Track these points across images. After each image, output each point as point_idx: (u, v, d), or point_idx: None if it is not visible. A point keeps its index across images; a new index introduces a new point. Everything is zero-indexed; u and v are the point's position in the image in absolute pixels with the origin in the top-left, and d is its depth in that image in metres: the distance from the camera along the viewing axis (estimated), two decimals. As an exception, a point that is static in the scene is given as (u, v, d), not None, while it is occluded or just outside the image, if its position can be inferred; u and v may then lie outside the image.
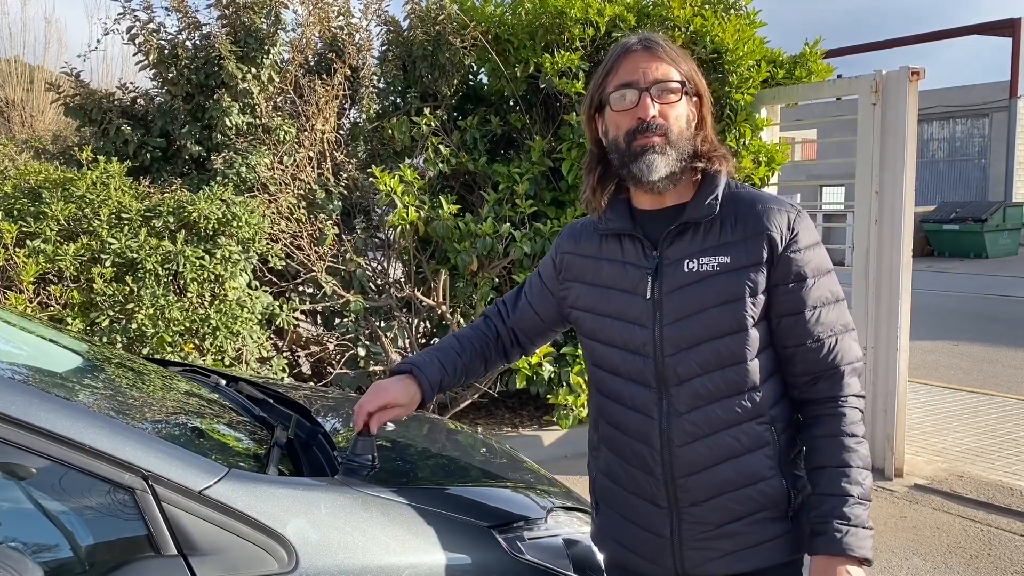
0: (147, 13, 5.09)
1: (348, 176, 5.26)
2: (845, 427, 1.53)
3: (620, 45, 1.61)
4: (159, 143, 5.13)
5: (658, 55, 1.56)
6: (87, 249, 3.99)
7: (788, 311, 1.54)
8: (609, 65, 1.60)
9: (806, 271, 1.54)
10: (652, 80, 1.54)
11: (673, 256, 1.56)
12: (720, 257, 1.53)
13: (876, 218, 4.77)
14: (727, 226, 1.55)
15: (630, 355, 1.59)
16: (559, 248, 1.77)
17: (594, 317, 1.66)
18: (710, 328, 1.52)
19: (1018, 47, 21.81)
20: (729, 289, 1.52)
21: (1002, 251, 20.06)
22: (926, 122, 25.11)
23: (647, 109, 1.53)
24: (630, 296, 1.60)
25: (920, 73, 4.61)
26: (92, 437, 1.44)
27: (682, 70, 1.57)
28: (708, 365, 1.53)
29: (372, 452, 1.76)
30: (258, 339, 4.33)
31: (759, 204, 1.56)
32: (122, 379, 2.19)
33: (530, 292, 1.84)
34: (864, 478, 1.52)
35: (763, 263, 1.52)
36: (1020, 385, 7.15)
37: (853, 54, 21.72)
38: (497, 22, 5.36)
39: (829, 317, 1.56)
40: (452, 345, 1.84)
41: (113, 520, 1.50)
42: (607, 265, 1.65)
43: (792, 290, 1.53)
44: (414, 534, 1.65)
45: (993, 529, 4.09)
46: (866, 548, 1.48)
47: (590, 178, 1.67)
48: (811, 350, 1.55)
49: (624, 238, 1.63)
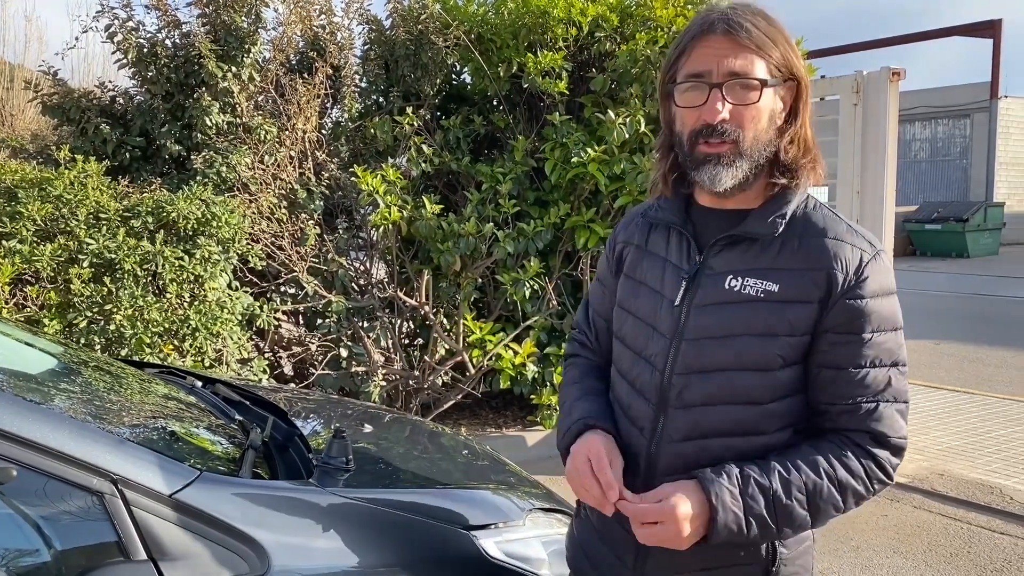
0: (126, 11, 5.04)
1: (330, 176, 5.23)
2: (835, 455, 1.32)
3: (699, 20, 1.35)
4: (138, 142, 5.08)
5: (740, 41, 1.30)
6: (64, 249, 3.94)
7: (830, 363, 1.32)
8: (683, 45, 1.36)
9: (864, 323, 1.30)
10: (727, 72, 1.30)
11: (717, 267, 1.36)
12: (768, 283, 1.32)
13: (857, 218, 4.79)
14: (787, 249, 1.33)
15: (640, 361, 1.42)
16: (615, 240, 1.57)
17: (620, 312, 1.49)
18: (733, 358, 1.32)
19: (999, 48, 22.02)
20: (766, 321, 1.31)
21: (983, 251, 20.23)
22: (908, 123, 25.30)
23: (715, 112, 1.30)
24: (658, 297, 1.42)
25: (900, 74, 4.64)
26: (59, 441, 1.42)
27: (771, 57, 1.31)
28: (718, 397, 1.33)
29: (347, 455, 1.74)
30: (238, 340, 4.30)
31: (831, 234, 1.33)
32: (95, 381, 2.16)
33: (600, 308, 1.59)
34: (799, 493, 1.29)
35: (815, 302, 1.30)
36: (1001, 384, 7.20)
37: (837, 55, 21.83)
38: (480, 21, 5.34)
39: (876, 380, 1.32)
40: (599, 390, 1.53)
41: (81, 525, 1.48)
42: (647, 258, 1.47)
43: (841, 341, 1.31)
44: (389, 538, 1.64)
45: (973, 527, 4.11)
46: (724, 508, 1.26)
47: (662, 164, 1.45)
48: (840, 412, 1.33)
49: (672, 232, 1.45)
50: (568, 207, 5.05)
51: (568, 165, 4.93)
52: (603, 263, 1.60)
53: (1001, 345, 8.92)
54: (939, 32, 22.44)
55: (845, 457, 1.32)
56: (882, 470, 1.33)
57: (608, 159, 4.82)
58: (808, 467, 1.30)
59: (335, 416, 2.67)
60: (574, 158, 4.86)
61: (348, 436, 1.85)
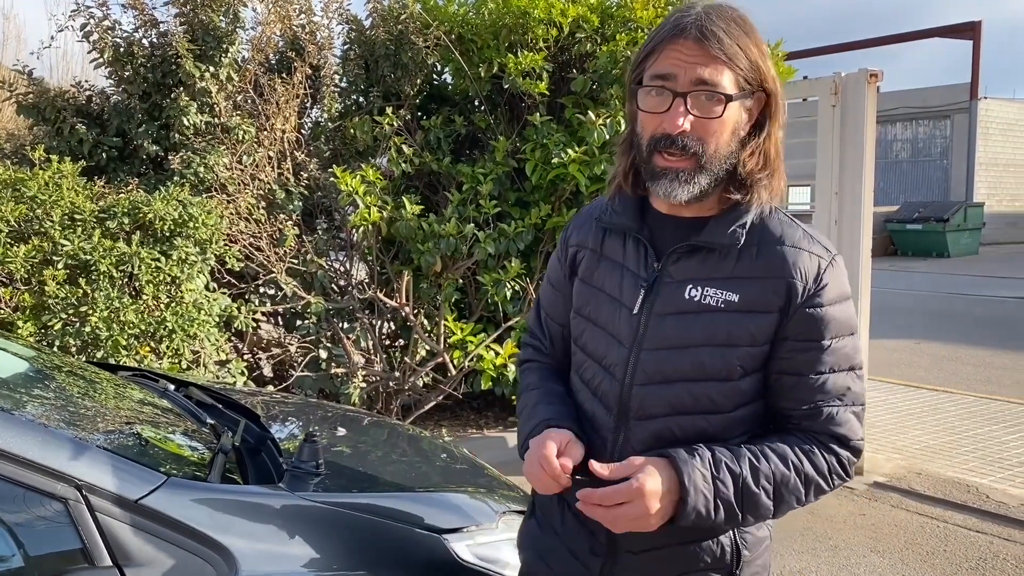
0: (102, 10, 4.99)
1: (309, 176, 5.20)
2: (802, 448, 1.32)
3: (672, 21, 1.30)
4: (115, 142, 5.03)
5: (711, 50, 1.25)
6: (39, 251, 3.89)
7: (791, 370, 1.32)
8: (653, 44, 1.31)
9: (824, 331, 1.30)
10: (694, 81, 1.26)
11: (676, 276, 1.34)
12: (729, 293, 1.30)
13: (836, 219, 4.81)
14: (745, 258, 1.31)
15: (601, 371, 1.39)
16: (567, 242, 1.51)
17: (578, 319, 1.45)
18: (694, 368, 1.31)
19: (978, 50, 22.25)
20: (727, 331, 1.30)
21: (963, 250, 20.44)
22: (889, 123, 25.52)
23: (675, 121, 1.26)
24: (616, 305, 1.38)
25: (878, 75, 4.67)
26: (21, 446, 1.40)
27: (742, 70, 1.27)
28: (680, 407, 1.32)
29: (318, 459, 1.73)
30: (216, 342, 4.26)
31: (788, 242, 1.32)
32: (65, 385, 2.13)
33: (553, 312, 1.54)
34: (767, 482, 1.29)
35: (775, 312, 1.30)
36: (979, 383, 7.27)
37: (818, 56, 22.00)
38: (460, 22, 5.33)
39: (836, 385, 1.32)
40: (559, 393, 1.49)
41: (46, 532, 1.46)
42: (604, 263, 1.42)
43: (801, 348, 1.31)
44: (358, 542, 1.62)
45: (949, 525, 4.14)
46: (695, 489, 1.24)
47: (623, 160, 1.40)
48: (802, 416, 1.33)
49: (628, 238, 1.40)
50: (549, 208, 5.05)
51: (549, 166, 4.93)
52: (555, 266, 1.54)
53: (980, 344, 9.00)
54: (919, 34, 22.65)
55: (811, 452, 1.33)
56: (843, 468, 1.35)
57: (589, 160, 4.82)
58: (777, 457, 1.30)
59: (312, 420, 2.65)
60: (555, 159, 4.86)
61: (319, 440, 1.83)
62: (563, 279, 1.50)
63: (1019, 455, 5.21)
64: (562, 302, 1.50)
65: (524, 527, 1.57)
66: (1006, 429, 5.79)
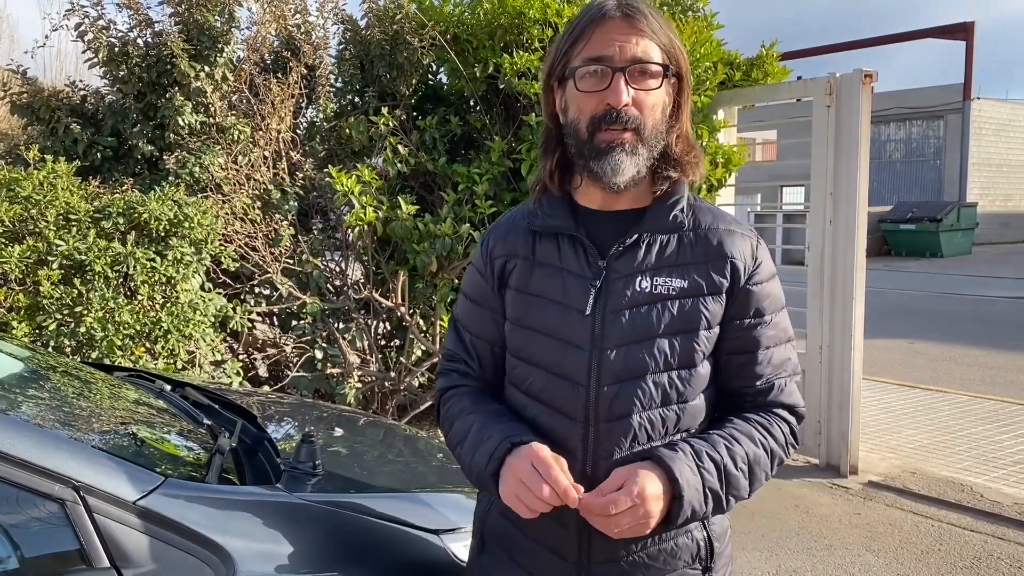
0: (97, 10, 4.97)
1: (305, 176, 5.19)
2: (762, 424, 1.37)
3: (594, 7, 1.33)
4: (110, 142, 5.02)
5: (639, 27, 1.30)
6: (33, 251, 3.88)
7: (741, 349, 1.37)
8: (579, 31, 1.33)
9: (765, 307, 1.37)
10: (629, 57, 1.29)
11: (624, 269, 1.33)
12: (677, 279, 1.33)
13: (831, 219, 4.83)
14: (685, 244, 1.35)
15: (556, 380, 1.34)
16: (490, 255, 1.45)
17: (519, 330, 1.39)
18: (659, 359, 1.31)
19: (971, 50, 22.31)
20: (685, 317, 1.32)
21: (956, 250, 20.51)
22: (883, 124, 25.59)
23: (619, 95, 1.28)
24: (564, 309, 1.34)
25: (872, 76, 4.68)
26: (19, 447, 1.39)
27: (664, 46, 1.32)
28: (650, 402, 1.32)
29: (316, 459, 1.73)
30: (211, 342, 4.25)
31: (721, 224, 1.37)
32: (62, 386, 2.13)
33: (481, 331, 1.47)
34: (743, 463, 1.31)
35: (722, 293, 1.34)
36: (973, 382, 7.29)
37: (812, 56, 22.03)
38: (456, 22, 5.33)
39: (780, 357, 1.39)
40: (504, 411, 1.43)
41: (43, 533, 1.45)
42: (540, 269, 1.38)
43: (748, 327, 1.36)
44: (355, 542, 1.62)
45: (944, 525, 4.16)
46: (687, 484, 1.25)
47: (548, 160, 1.40)
48: (757, 392, 1.38)
49: (563, 239, 1.38)
50: (544, 208, 5.05)
51: (544, 166, 4.92)
52: (476, 282, 1.47)
53: (974, 344, 9.03)
54: (913, 34, 22.71)
55: (770, 426, 1.37)
56: (794, 435, 1.41)
57: (584, 160, 4.82)
58: (746, 437, 1.33)
59: (308, 420, 2.65)
60: (550, 159, 4.85)
61: (317, 440, 1.83)
62: (490, 294, 1.44)
63: (1013, 454, 5.23)
64: (490, 318, 1.45)
65: (474, 563, 1.49)
66: (1000, 428, 5.82)
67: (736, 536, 4.09)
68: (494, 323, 1.44)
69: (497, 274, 1.43)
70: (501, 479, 1.29)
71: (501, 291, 1.43)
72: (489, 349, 1.46)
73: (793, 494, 4.56)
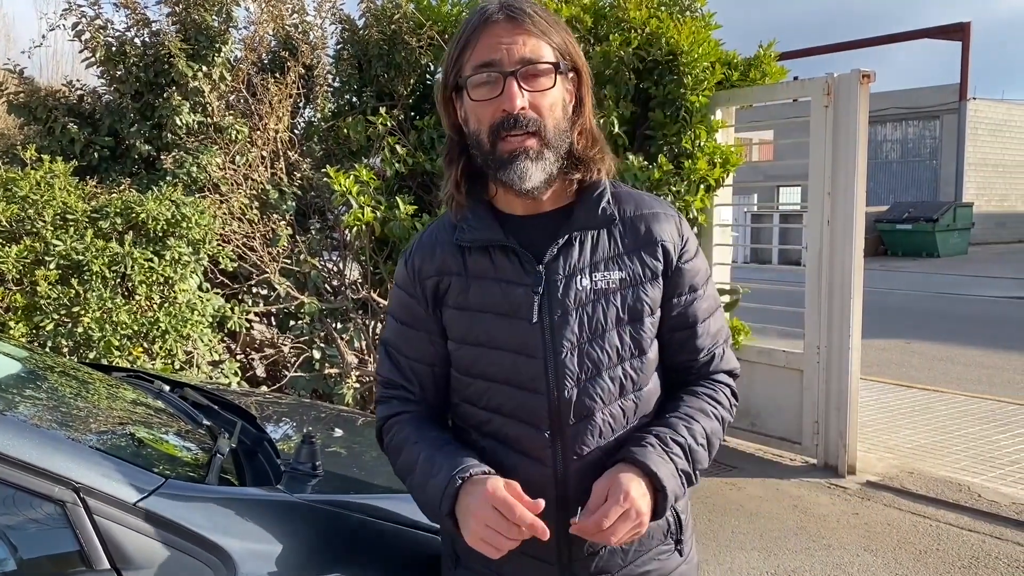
0: (94, 9, 4.97)
1: (302, 176, 5.19)
2: (710, 396, 1.42)
3: (477, 12, 1.31)
4: (107, 142, 5.01)
5: (525, 27, 1.28)
6: (31, 251, 3.87)
7: (681, 325, 1.40)
8: (464, 38, 1.31)
9: (697, 281, 1.41)
10: (518, 60, 1.27)
11: (562, 271, 1.33)
12: (615, 272, 1.34)
13: (828, 219, 4.83)
14: (615, 235, 1.36)
15: (515, 391, 1.34)
16: (417, 275, 1.41)
17: (465, 348, 1.38)
18: (611, 353, 1.33)
19: (967, 51, 22.36)
20: (629, 308, 1.34)
21: (952, 250, 20.56)
22: (879, 124, 25.64)
23: (513, 99, 1.26)
24: (509, 320, 1.33)
25: (870, 76, 4.68)
26: (18, 448, 1.39)
27: (555, 43, 1.30)
28: (610, 396, 1.34)
29: (316, 460, 1.72)
30: (209, 342, 4.25)
31: (644, 208, 1.39)
32: (60, 387, 2.12)
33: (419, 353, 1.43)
34: (702, 438, 1.36)
35: (658, 277, 1.37)
36: (970, 382, 7.31)
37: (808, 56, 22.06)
38: (454, 21, 5.32)
39: (716, 326, 1.45)
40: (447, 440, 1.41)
41: (43, 535, 1.45)
42: (476, 284, 1.36)
43: (685, 303, 1.40)
44: (357, 543, 1.62)
45: (942, 524, 4.16)
46: (665, 474, 1.28)
47: (452, 170, 1.38)
48: (702, 364, 1.43)
49: (494, 251, 1.36)
50: (542, 208, 5.05)
51: (542, 166, 4.92)
52: (406, 304, 1.43)
53: (970, 344, 9.05)
54: (909, 35, 22.75)
55: (715, 394, 1.43)
56: (734, 395, 1.47)
57: (582, 160, 4.82)
58: (700, 413, 1.38)
59: (306, 420, 2.65)
60: (548, 159, 4.85)
61: (317, 441, 1.83)
62: (423, 315, 1.41)
63: (1010, 454, 5.24)
64: (426, 340, 1.42)
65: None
66: (997, 428, 5.83)
67: (734, 536, 4.10)
68: (431, 344, 1.42)
69: (431, 294, 1.40)
70: (462, 523, 1.27)
71: (437, 311, 1.40)
72: (429, 371, 1.44)
73: (791, 494, 4.57)
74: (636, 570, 1.40)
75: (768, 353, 5.27)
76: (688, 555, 1.47)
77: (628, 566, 1.39)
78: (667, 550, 1.43)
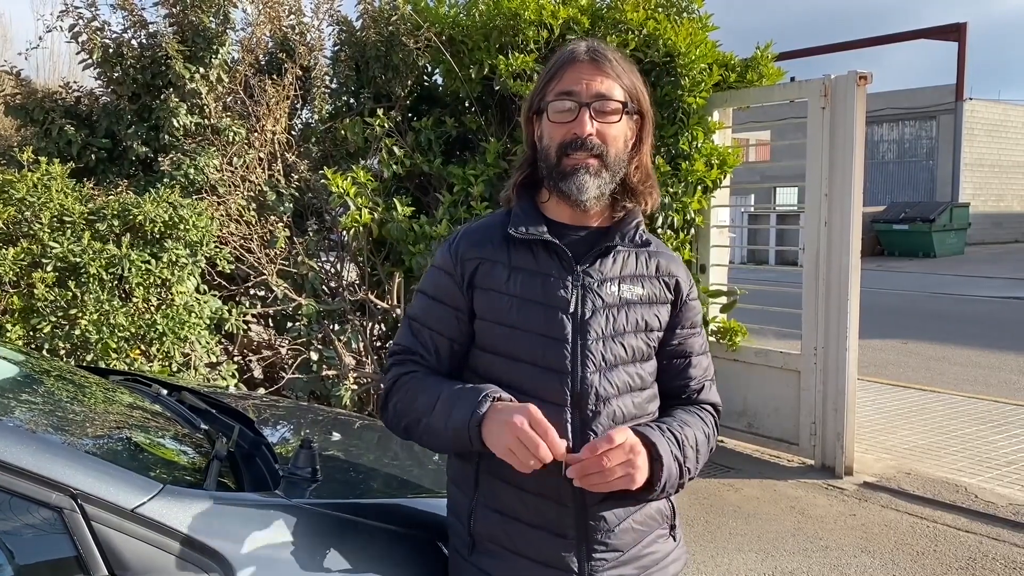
0: (91, 11, 4.95)
1: (300, 177, 5.18)
2: (700, 416, 1.61)
3: (567, 52, 1.57)
4: (104, 144, 5.00)
5: (604, 69, 1.52)
6: (27, 253, 3.86)
7: (680, 354, 1.63)
8: (553, 71, 1.56)
9: (697, 320, 1.66)
10: (594, 94, 1.51)
11: (597, 276, 1.55)
12: (637, 288, 1.57)
13: (826, 220, 4.84)
14: (640, 260, 1.59)
15: (541, 371, 1.50)
16: (461, 257, 1.58)
17: (500, 328, 1.54)
18: (627, 352, 1.54)
19: (963, 51, 22.38)
20: (644, 319, 1.57)
21: (949, 250, 20.59)
22: (876, 124, 25.65)
23: (584, 125, 1.50)
24: (545, 309, 1.52)
25: (867, 78, 4.69)
26: (14, 454, 1.38)
27: (626, 86, 1.54)
28: (624, 387, 1.53)
29: (315, 464, 1.72)
30: (207, 344, 4.24)
31: (664, 250, 1.64)
32: (56, 391, 2.12)
33: (444, 327, 1.59)
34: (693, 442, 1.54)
35: (669, 304, 1.60)
36: (967, 382, 7.32)
37: (805, 56, 22.07)
38: (451, 23, 5.32)
39: (707, 363, 1.67)
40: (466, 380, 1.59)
41: (40, 541, 1.44)
42: (518, 274, 1.54)
43: (688, 335, 1.63)
44: (356, 548, 1.62)
45: (939, 525, 4.17)
46: (663, 447, 1.45)
47: (517, 175, 1.62)
48: (692, 391, 1.64)
49: (537, 248, 1.55)
50: (540, 209, 5.05)
51: (540, 167, 4.92)
52: (442, 283, 1.59)
53: (967, 344, 9.06)
54: (906, 35, 22.78)
55: (705, 417, 1.63)
56: (717, 429, 1.67)
57: (579, 161, 4.82)
58: (691, 424, 1.57)
59: (304, 424, 2.64)
60: (546, 160, 4.85)
61: (316, 445, 1.83)
62: (457, 293, 1.58)
63: (1007, 455, 5.25)
64: (453, 316, 1.58)
65: (463, 563, 1.58)
66: (994, 429, 5.84)
67: (731, 537, 4.10)
68: (456, 320, 1.58)
69: (469, 275, 1.57)
70: (489, 432, 1.40)
71: (470, 291, 1.57)
72: (448, 345, 1.59)
73: (789, 495, 4.57)
74: (643, 550, 1.56)
75: (765, 354, 5.28)
76: (679, 540, 1.67)
77: (636, 546, 1.54)
78: (664, 534, 1.61)
